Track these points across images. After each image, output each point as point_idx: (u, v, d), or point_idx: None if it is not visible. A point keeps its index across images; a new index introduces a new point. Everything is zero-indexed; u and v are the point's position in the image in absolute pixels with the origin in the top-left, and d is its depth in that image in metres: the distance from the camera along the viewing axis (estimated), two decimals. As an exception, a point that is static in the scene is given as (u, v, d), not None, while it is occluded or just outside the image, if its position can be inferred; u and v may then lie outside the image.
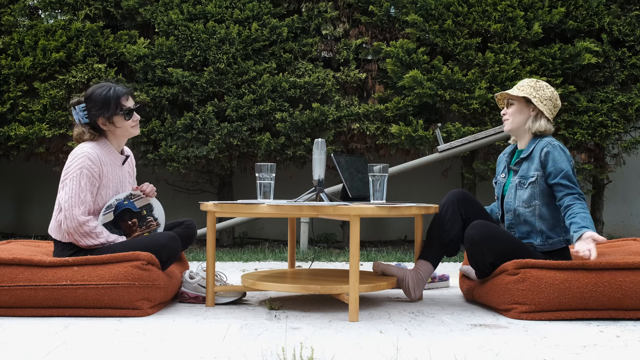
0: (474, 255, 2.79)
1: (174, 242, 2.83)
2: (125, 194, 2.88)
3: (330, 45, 5.82)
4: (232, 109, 5.47)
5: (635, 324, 2.57)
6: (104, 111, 2.84)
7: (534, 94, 2.90)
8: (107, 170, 2.85)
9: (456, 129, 5.39)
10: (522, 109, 2.93)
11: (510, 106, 2.96)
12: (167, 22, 5.58)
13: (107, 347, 2.10)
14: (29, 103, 5.56)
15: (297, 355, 1.99)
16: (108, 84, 2.91)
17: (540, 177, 2.84)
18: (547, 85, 2.93)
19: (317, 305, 2.91)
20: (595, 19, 5.51)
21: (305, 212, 2.67)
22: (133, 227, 2.87)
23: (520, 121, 2.94)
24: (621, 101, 5.41)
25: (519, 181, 2.89)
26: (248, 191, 6.27)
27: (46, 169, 6.20)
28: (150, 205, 2.94)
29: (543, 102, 2.90)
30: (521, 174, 2.90)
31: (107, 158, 2.87)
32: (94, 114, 2.85)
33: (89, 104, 2.86)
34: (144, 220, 2.89)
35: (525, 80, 2.97)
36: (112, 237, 2.78)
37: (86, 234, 2.73)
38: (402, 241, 6.62)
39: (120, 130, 2.89)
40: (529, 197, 2.85)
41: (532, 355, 2.04)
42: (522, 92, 2.91)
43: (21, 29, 5.71)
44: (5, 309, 2.58)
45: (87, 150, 2.79)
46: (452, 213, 2.91)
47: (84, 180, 2.75)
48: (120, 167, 2.94)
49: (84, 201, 2.74)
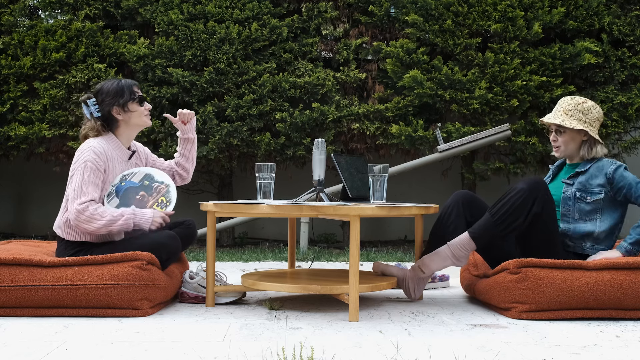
0: (520, 206, 2.68)
1: (173, 242, 2.83)
2: (119, 177, 2.88)
3: (330, 45, 5.82)
4: (232, 109, 5.47)
5: (635, 324, 2.57)
6: (118, 99, 2.89)
7: (584, 119, 2.86)
8: (112, 165, 2.86)
9: (456, 129, 5.39)
10: (574, 136, 2.88)
11: (562, 134, 2.90)
12: (167, 22, 5.58)
13: (107, 347, 2.10)
14: (29, 103, 5.56)
15: (297, 355, 1.99)
16: (115, 78, 2.99)
17: (607, 194, 2.82)
18: (593, 105, 2.88)
19: (317, 305, 2.91)
20: (595, 19, 5.51)
21: (305, 212, 2.67)
22: (144, 200, 2.87)
23: (573, 149, 2.91)
24: (621, 101, 5.42)
25: (580, 195, 2.85)
26: (248, 191, 6.27)
27: (46, 169, 6.20)
28: (149, 175, 2.93)
29: (593, 126, 2.87)
30: (579, 186, 2.85)
31: (113, 153, 2.88)
32: (108, 103, 2.89)
33: (101, 96, 2.91)
34: (150, 189, 2.90)
35: (569, 101, 2.89)
36: (117, 212, 2.75)
37: (89, 218, 2.71)
38: (402, 241, 6.62)
39: (134, 117, 2.93)
40: (591, 211, 2.83)
41: (532, 355, 2.05)
42: (572, 118, 2.86)
43: (21, 29, 5.71)
44: (5, 309, 2.58)
45: (93, 145, 2.82)
46: (456, 214, 2.88)
47: (88, 172, 2.76)
48: (126, 162, 2.96)
49: (85, 192, 2.73)
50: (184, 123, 3.16)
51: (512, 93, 5.39)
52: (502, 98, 5.36)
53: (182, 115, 3.14)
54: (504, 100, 5.37)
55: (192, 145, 3.20)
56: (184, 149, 3.19)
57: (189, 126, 3.18)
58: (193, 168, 3.24)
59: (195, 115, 5.42)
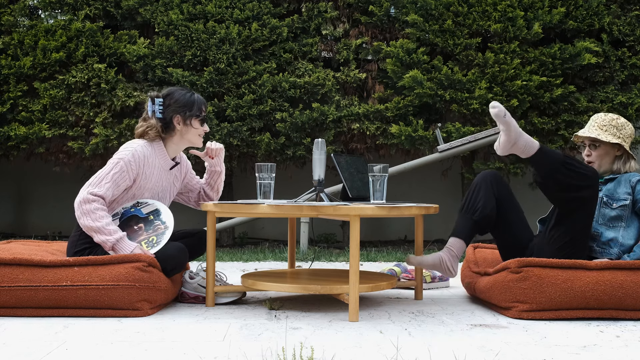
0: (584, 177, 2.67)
1: (182, 255, 2.84)
2: (132, 202, 2.88)
3: (330, 45, 5.82)
4: (232, 109, 5.47)
5: (636, 324, 2.57)
6: (186, 110, 2.90)
7: (619, 134, 2.90)
8: (150, 172, 2.86)
9: (456, 129, 5.39)
10: (608, 150, 2.92)
11: (596, 148, 2.93)
12: (167, 22, 5.58)
13: (107, 347, 2.10)
14: (29, 103, 5.56)
15: (297, 355, 1.99)
16: (189, 90, 3.00)
17: (631, 202, 2.84)
18: (626, 122, 2.93)
19: (317, 305, 2.91)
20: (595, 19, 5.52)
21: (305, 212, 2.67)
22: (139, 232, 2.83)
23: (606, 164, 2.94)
24: (621, 101, 5.42)
25: (606, 200, 2.87)
26: (248, 191, 6.26)
27: (46, 169, 6.20)
28: (158, 211, 2.89)
29: (627, 141, 2.91)
30: (607, 192, 2.88)
31: (156, 160, 2.89)
32: (174, 110, 2.90)
33: (170, 100, 2.91)
34: (151, 225, 2.86)
35: (603, 117, 2.94)
36: (112, 226, 2.71)
37: (88, 212, 2.70)
38: (402, 241, 6.62)
39: (191, 134, 2.94)
40: (615, 218, 2.84)
41: (532, 355, 2.05)
42: (607, 134, 2.89)
43: (21, 29, 5.71)
44: (6, 309, 2.58)
45: (135, 147, 2.82)
46: (485, 191, 2.89)
47: (116, 170, 2.76)
48: (167, 171, 2.96)
49: (102, 186, 2.73)
50: (211, 157, 3.13)
51: (512, 93, 5.39)
52: (502, 98, 5.36)
53: (210, 151, 3.11)
54: (504, 100, 5.37)
55: (220, 177, 3.18)
56: (211, 179, 3.17)
57: (217, 160, 3.14)
58: (217, 197, 3.22)
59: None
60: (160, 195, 2.97)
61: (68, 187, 2.76)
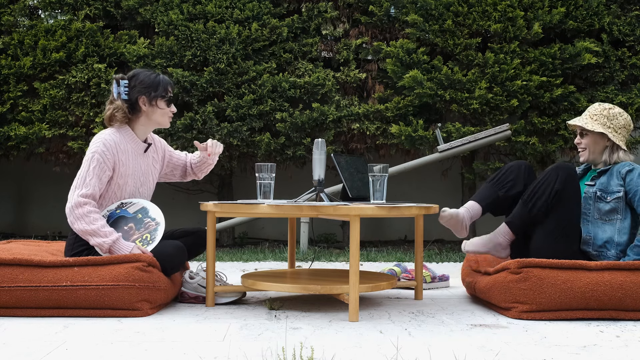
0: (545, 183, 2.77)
1: (181, 254, 2.83)
2: (117, 204, 2.86)
3: (330, 45, 5.82)
4: (232, 109, 5.47)
5: (636, 324, 2.57)
6: (150, 90, 2.89)
7: (608, 124, 2.90)
8: (125, 158, 2.85)
9: (456, 129, 5.39)
10: (597, 140, 2.93)
11: (585, 136, 2.96)
12: (167, 22, 5.58)
13: (107, 347, 2.10)
14: (29, 103, 5.56)
15: (297, 355, 1.99)
16: (153, 71, 2.99)
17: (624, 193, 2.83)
18: (620, 112, 2.92)
19: (317, 305, 2.91)
20: (595, 19, 5.51)
21: (305, 212, 2.67)
22: (130, 232, 2.82)
23: (596, 154, 2.95)
24: (621, 101, 5.41)
25: (600, 194, 2.87)
26: (248, 191, 6.26)
27: (46, 169, 6.20)
28: (145, 209, 2.88)
29: (618, 132, 2.91)
30: (600, 187, 2.88)
31: (127, 146, 2.88)
32: (139, 90, 2.88)
33: (135, 82, 2.90)
34: (141, 223, 2.86)
35: (596, 107, 2.94)
36: (107, 228, 2.70)
37: (81, 216, 2.69)
38: (402, 241, 6.62)
39: (157, 114, 2.92)
40: (611, 211, 2.84)
41: (532, 355, 2.05)
42: (596, 122, 2.91)
43: (21, 29, 5.72)
44: (6, 309, 2.58)
45: (104, 137, 2.82)
46: (516, 175, 2.94)
47: (94, 164, 2.76)
48: (142, 155, 2.95)
49: (88, 184, 2.73)
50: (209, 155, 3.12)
51: (512, 93, 5.39)
52: (502, 98, 5.36)
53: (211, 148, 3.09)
54: (504, 100, 5.37)
55: (210, 167, 3.19)
56: (202, 165, 3.17)
57: (214, 157, 3.15)
58: (203, 176, 3.25)
59: (196, 115, 5.44)
60: (143, 180, 2.95)
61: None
